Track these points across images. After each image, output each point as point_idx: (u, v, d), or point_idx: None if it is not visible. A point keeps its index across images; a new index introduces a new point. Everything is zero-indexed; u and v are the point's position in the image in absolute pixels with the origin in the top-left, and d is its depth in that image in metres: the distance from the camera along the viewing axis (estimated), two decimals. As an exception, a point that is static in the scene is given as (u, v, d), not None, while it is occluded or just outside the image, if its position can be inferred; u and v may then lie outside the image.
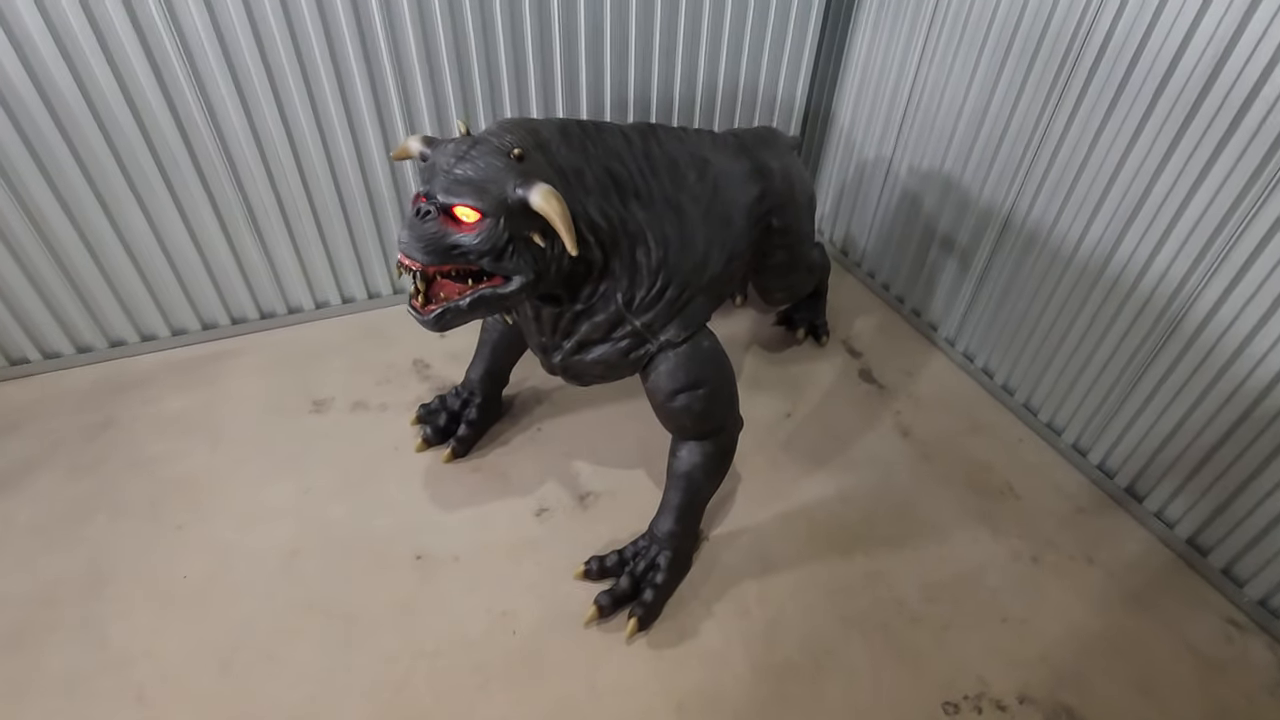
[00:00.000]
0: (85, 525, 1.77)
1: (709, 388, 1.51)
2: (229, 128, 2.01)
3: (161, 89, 1.88)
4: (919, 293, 2.49)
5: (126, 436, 2.02)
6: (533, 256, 1.22)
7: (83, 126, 1.87)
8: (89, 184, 1.96)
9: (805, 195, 1.91)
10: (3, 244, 1.97)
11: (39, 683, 1.45)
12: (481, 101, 2.23)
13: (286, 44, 1.92)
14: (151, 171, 2.00)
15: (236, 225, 2.19)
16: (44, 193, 1.93)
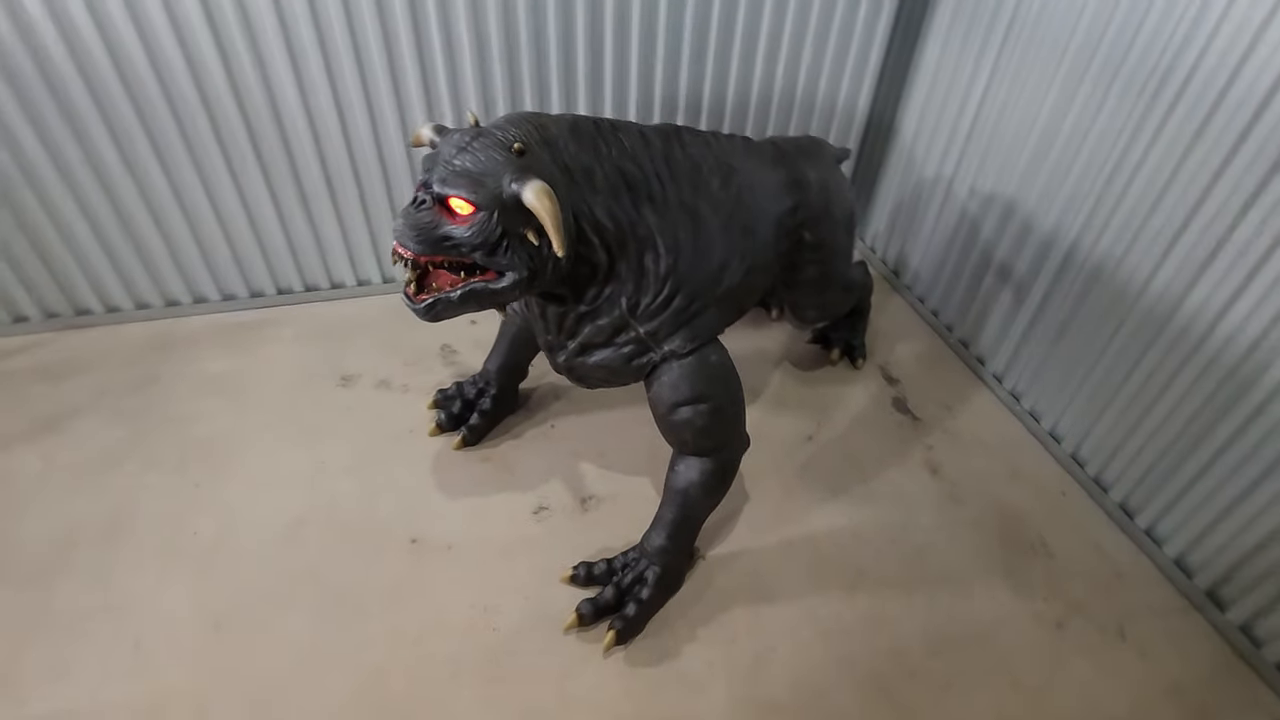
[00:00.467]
0: (114, 473, 1.87)
1: (712, 403, 1.45)
2: (285, 105, 2.07)
3: (224, 63, 1.96)
4: (969, 322, 2.34)
5: (167, 393, 2.12)
6: (527, 254, 1.19)
7: (151, 96, 1.97)
8: (154, 151, 2.07)
9: (843, 211, 1.81)
10: (75, 202, 2.10)
11: (45, 621, 1.54)
12: (530, 93, 2.22)
13: (341, 25, 1.97)
14: (211, 143, 2.09)
15: (288, 199, 2.26)
16: (114, 157, 2.04)
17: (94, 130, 1.99)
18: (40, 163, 2.01)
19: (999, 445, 2.08)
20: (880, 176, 2.75)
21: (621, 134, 1.32)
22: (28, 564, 1.65)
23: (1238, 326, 1.51)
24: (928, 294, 2.56)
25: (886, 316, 2.58)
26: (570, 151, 1.22)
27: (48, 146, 1.98)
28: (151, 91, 1.96)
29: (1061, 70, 1.85)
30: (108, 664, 1.47)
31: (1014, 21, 1.99)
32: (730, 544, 1.78)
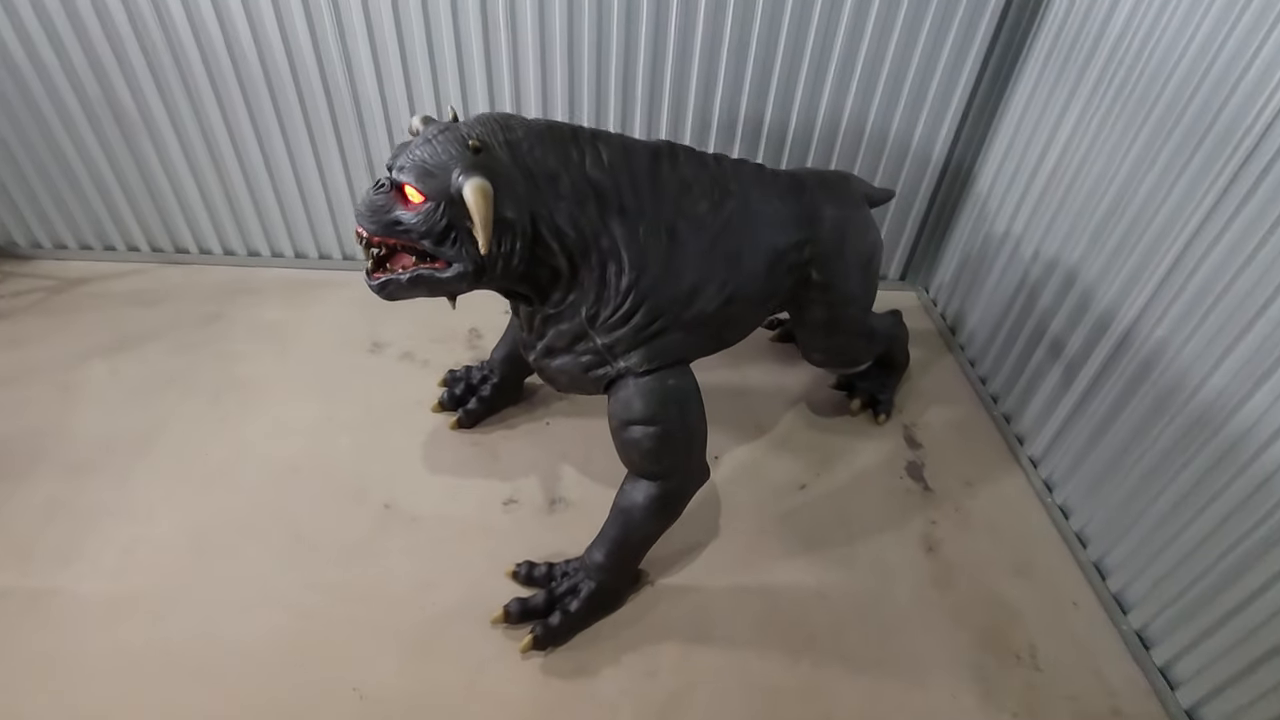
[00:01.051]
0: (162, 394, 2.10)
1: (662, 428, 1.41)
2: (363, 84, 2.25)
3: (314, 46, 2.16)
4: (1015, 396, 2.13)
5: (225, 331, 2.36)
6: (476, 249, 1.22)
7: (253, 72, 2.21)
8: (250, 118, 2.31)
9: (861, 254, 1.71)
10: (185, 159, 2.39)
11: (68, 509, 1.76)
12: (587, 102, 2.28)
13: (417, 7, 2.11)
14: (297, 114, 2.31)
15: (359, 169, 2.45)
16: (218, 121, 2.31)
17: (208, 102, 2.26)
18: (162, 123, 2.30)
19: (1014, 535, 1.88)
20: (952, 226, 2.56)
21: (602, 144, 1.32)
22: (71, 456, 1.89)
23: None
24: (979, 358, 2.35)
25: (931, 376, 2.39)
26: (535, 155, 1.24)
27: (170, 109, 2.28)
28: (252, 64, 2.20)
29: (1148, 125, 1.65)
30: (99, 560, 1.65)
31: (1109, 63, 1.79)
32: (684, 576, 1.72)
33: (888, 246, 2.69)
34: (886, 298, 2.74)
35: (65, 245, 2.62)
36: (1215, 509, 1.43)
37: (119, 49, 2.16)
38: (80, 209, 2.52)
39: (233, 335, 2.35)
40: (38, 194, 2.47)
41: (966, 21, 2.12)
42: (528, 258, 1.28)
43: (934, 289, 2.71)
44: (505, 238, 1.23)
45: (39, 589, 1.58)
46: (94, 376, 2.15)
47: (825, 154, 2.42)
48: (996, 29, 2.14)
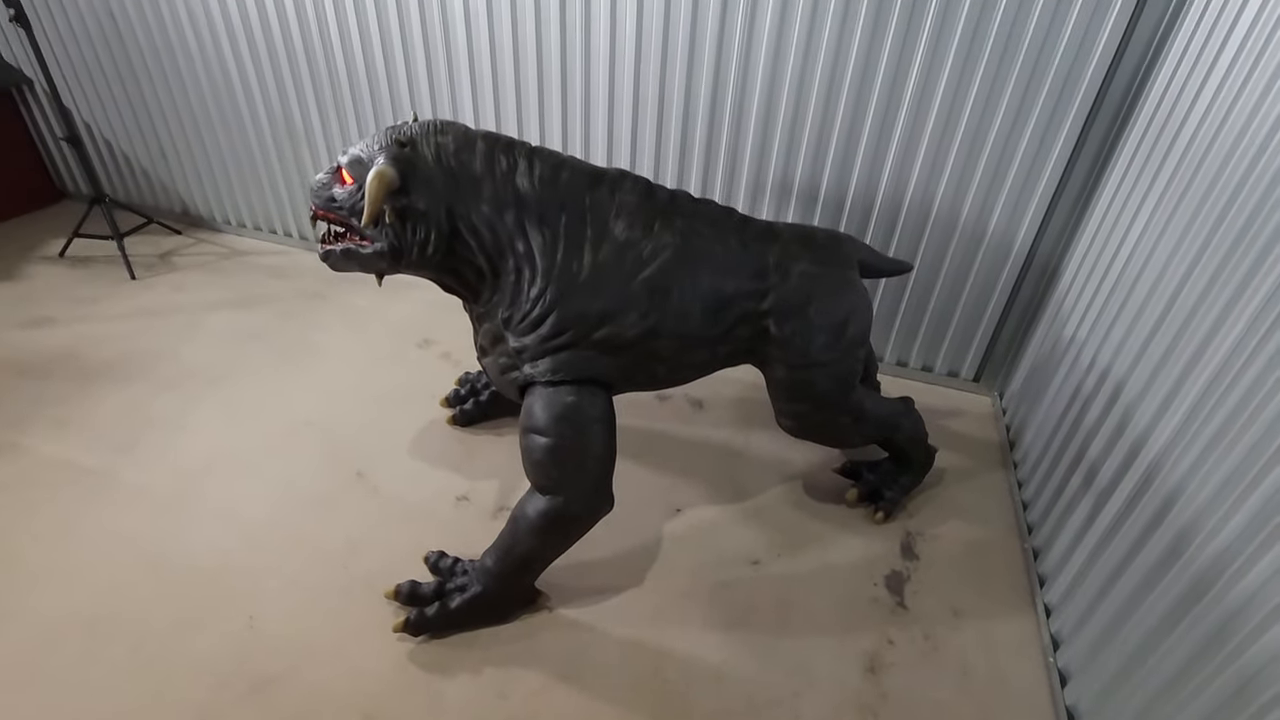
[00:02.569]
0: (249, 345, 2.52)
1: (552, 442, 1.41)
2: (462, 108, 2.59)
3: (427, 73, 2.54)
4: (1048, 528, 1.77)
5: (319, 307, 2.77)
6: (393, 231, 1.35)
7: (395, 96, 2.65)
8: (380, 135, 2.76)
9: (829, 316, 1.57)
10: (308, 150, 2.90)
11: (138, 412, 2.16)
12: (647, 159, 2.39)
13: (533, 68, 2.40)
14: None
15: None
16: (345, 123, 2.79)
17: (364, 108, 2.75)
18: (316, 131, 2.83)
19: (989, 689, 1.53)
20: (1032, 327, 2.23)
21: (538, 160, 1.40)
22: (167, 375, 2.33)
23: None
24: (1027, 480, 1.99)
25: (971, 490, 2.07)
26: (461, 158, 1.35)
27: (322, 116, 2.80)
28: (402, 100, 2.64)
29: (1205, 224, 1.35)
30: (142, 457, 2.01)
31: (1183, 160, 1.51)
32: (584, 613, 1.65)
33: (960, 341, 2.41)
34: (957, 399, 2.45)
35: (244, 224, 3.28)
36: (1206, 693, 1.07)
37: (298, 73, 2.72)
38: (257, 199, 3.15)
39: (324, 311, 2.75)
40: (232, 184, 3.14)
41: (1057, 95, 1.91)
42: (445, 250, 1.38)
43: (1007, 396, 2.36)
44: (419, 226, 1.35)
45: (90, 467, 1.96)
46: (214, 322, 2.64)
47: (886, 229, 2.27)
48: (1093, 107, 1.90)
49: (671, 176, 2.41)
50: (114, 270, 2.95)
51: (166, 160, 3.21)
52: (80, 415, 2.15)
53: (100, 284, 2.87)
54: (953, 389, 2.51)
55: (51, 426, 2.10)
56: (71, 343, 2.48)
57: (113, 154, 3.32)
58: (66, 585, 1.62)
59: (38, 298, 2.75)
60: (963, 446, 2.23)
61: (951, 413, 2.39)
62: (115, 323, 2.61)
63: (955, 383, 2.50)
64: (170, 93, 2.97)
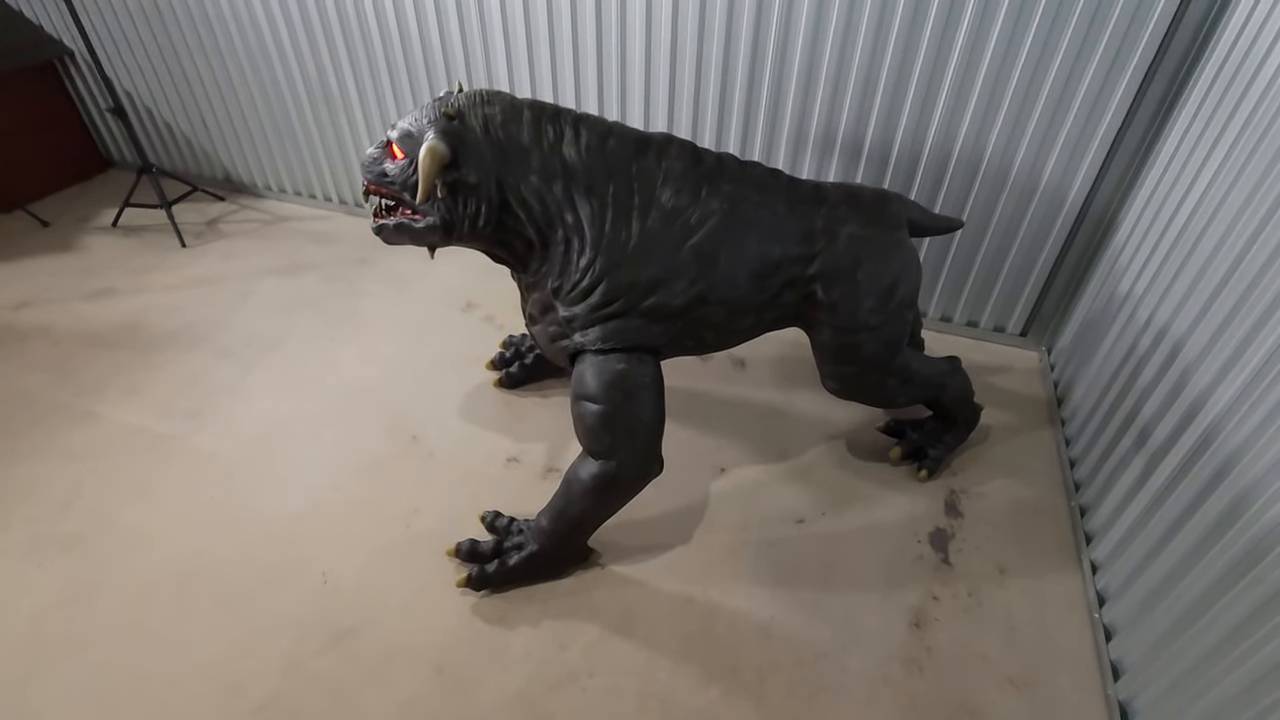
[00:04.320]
0: (300, 311, 2.59)
1: (605, 408, 1.44)
2: (497, 71, 2.56)
3: (469, 43, 2.51)
4: (1096, 487, 1.76)
5: (365, 273, 2.82)
6: (445, 205, 1.36)
7: (430, 64, 2.62)
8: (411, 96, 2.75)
9: (877, 280, 1.55)
10: (366, 130, 2.91)
11: (201, 381, 2.27)
12: (684, 116, 2.34)
13: (545, 30, 2.35)
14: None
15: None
16: (394, 109, 2.78)
17: (399, 74, 2.73)
18: (353, 98, 2.83)
19: (1033, 642, 1.57)
20: (1084, 282, 2.17)
21: (584, 127, 1.39)
22: (223, 343, 2.43)
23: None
24: (1076, 437, 1.98)
25: (1016, 447, 2.06)
26: (509, 129, 1.35)
27: (358, 82, 2.79)
28: (440, 68, 2.61)
29: (1278, 181, 1.29)
30: (209, 423, 2.11)
31: (1256, 109, 1.43)
32: (635, 570, 1.72)
33: (1008, 296, 2.36)
34: (1003, 355, 2.42)
35: (285, 190, 3.32)
36: (1253, 659, 1.09)
37: (332, 39, 2.70)
38: (298, 165, 3.18)
39: (369, 277, 2.80)
40: (272, 151, 3.17)
41: (1120, 38, 1.81)
42: (495, 222, 1.40)
43: (1056, 352, 2.32)
44: (470, 199, 1.36)
45: (164, 433, 2.07)
46: (264, 289, 2.72)
47: (933, 183, 2.21)
48: (1158, 52, 1.80)
49: (710, 131, 2.36)
50: (165, 239, 3.03)
51: (207, 128, 3.25)
52: (148, 384, 2.26)
53: (154, 253, 2.96)
54: (999, 344, 2.47)
55: (124, 395, 2.21)
56: (134, 312, 2.58)
57: (154, 123, 3.37)
58: (156, 546, 1.74)
59: (98, 269, 2.85)
60: (1009, 403, 2.22)
61: (998, 369, 2.36)
62: (171, 292, 2.70)
63: (1001, 338, 2.46)
64: (208, 60, 2.99)
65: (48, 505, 1.84)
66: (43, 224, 3.15)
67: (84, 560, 1.70)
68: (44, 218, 3.19)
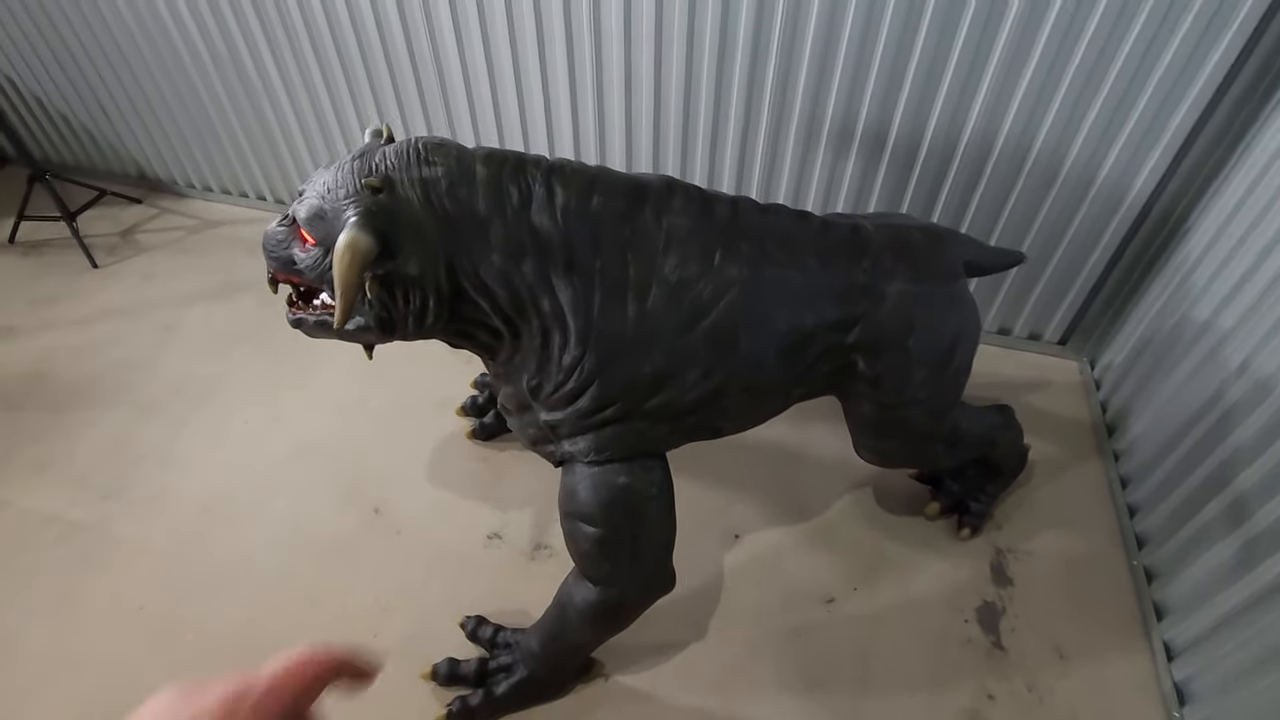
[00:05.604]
0: (237, 347, 2.23)
1: (603, 533, 1.16)
2: (445, 53, 2.13)
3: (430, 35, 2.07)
4: (1170, 552, 1.54)
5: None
6: (380, 302, 1.03)
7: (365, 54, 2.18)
8: (374, 108, 2.31)
9: (932, 348, 1.26)
10: (268, 102, 2.46)
11: (122, 448, 1.93)
12: (674, 90, 1.96)
13: None
14: (389, 84, 2.26)
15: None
16: (346, 104, 2.34)
17: (330, 64, 2.28)
18: (275, 82, 2.38)
19: (1106, 750, 1.37)
20: (1142, 290, 1.89)
21: (558, 181, 1.04)
22: (146, 396, 2.08)
23: None
24: (1135, 478, 1.74)
25: (1062, 486, 1.83)
26: (458, 196, 1.00)
27: (278, 61, 2.34)
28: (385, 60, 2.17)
29: None
30: (132, 503, 1.79)
31: None
32: (645, 679, 1.48)
33: (1048, 299, 2.08)
34: (1038, 365, 2.15)
35: (210, 188, 2.88)
36: None
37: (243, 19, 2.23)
38: (220, 159, 2.73)
39: (314, 297, 2.43)
40: (189, 143, 2.72)
41: (1209, 14, 1.46)
42: (449, 315, 1.07)
43: (1101, 367, 2.06)
44: (412, 293, 1.02)
45: (79, 521, 1.75)
46: (192, 319, 2.35)
47: (969, 179, 1.88)
48: (1252, 37, 1.46)
49: (705, 123, 1.99)
50: (72, 257, 2.61)
51: (109, 118, 2.77)
52: (59, 454, 1.92)
53: (59, 276, 2.55)
54: (1033, 353, 2.20)
55: (30, 471, 1.88)
56: (38, 359, 2.21)
57: (46, 115, 2.88)
58: (82, 673, 1.46)
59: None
60: (1049, 426, 1.97)
61: (1034, 384, 2.10)
62: (81, 329, 2.32)
63: (1036, 346, 2.19)
64: (95, 36, 2.49)
65: (-61, 631, 1.54)
66: (-74, 243, 2.70)
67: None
68: (-73, 235, 2.73)
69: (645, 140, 2.08)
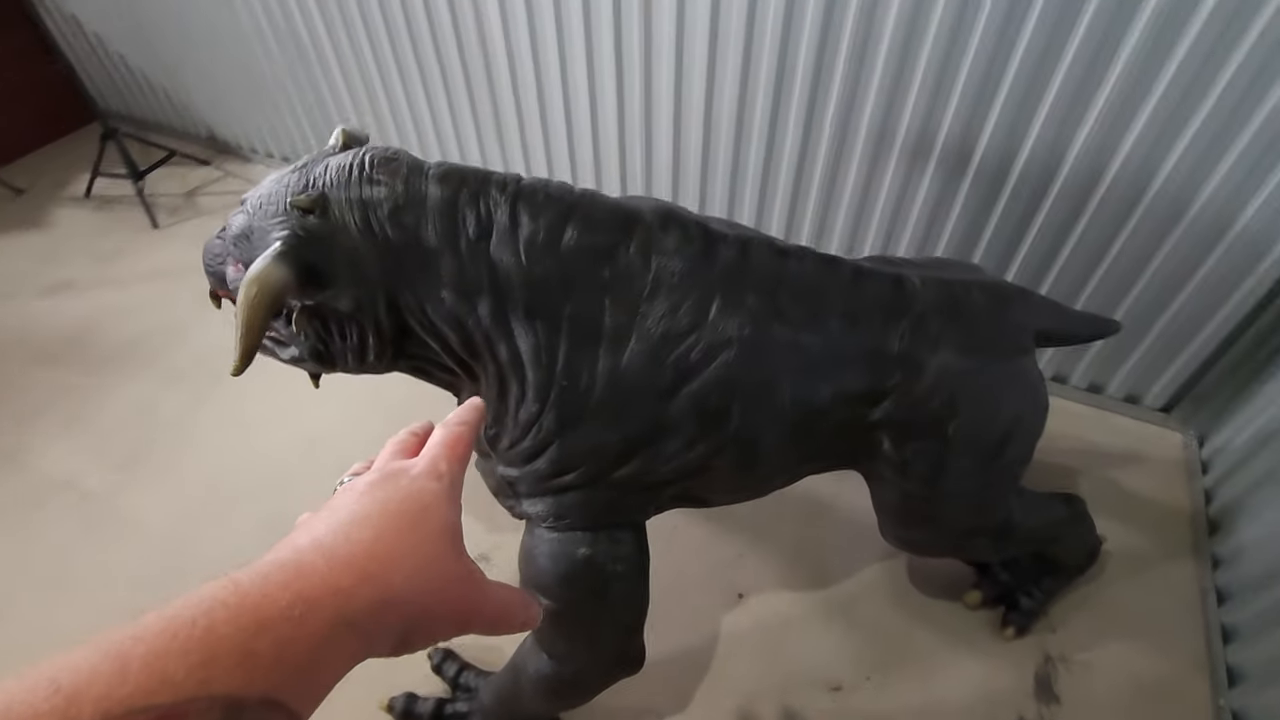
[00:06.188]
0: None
1: (558, 608, 1.02)
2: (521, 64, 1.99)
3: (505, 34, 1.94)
4: (1271, 703, 1.24)
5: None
6: (313, 333, 0.91)
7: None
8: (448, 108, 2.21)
9: (978, 436, 1.02)
10: (320, 72, 2.40)
11: (144, 417, 1.95)
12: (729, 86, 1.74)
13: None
14: (434, 61, 2.15)
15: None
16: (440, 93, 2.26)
17: (378, 33, 2.20)
18: (327, 50, 2.31)
19: None
20: (1277, 365, 1.54)
21: (524, 207, 0.88)
22: (173, 364, 2.10)
23: None
24: (1236, 596, 1.43)
25: (1142, 588, 1.53)
26: (402, 221, 0.85)
27: (329, 28, 2.27)
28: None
29: None
30: (143, 477, 1.81)
31: None
32: (613, 748, 1.34)
33: (1154, 358, 1.75)
34: (1133, 434, 1.83)
35: (271, 154, 2.89)
36: None
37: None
38: (279, 125, 2.72)
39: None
40: (249, 108, 2.72)
41: None
42: (393, 353, 0.94)
43: (1213, 447, 1.72)
44: (348, 328, 0.90)
45: (91, 490, 1.78)
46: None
47: (1066, 216, 1.57)
48: None
49: (759, 119, 1.76)
50: (137, 215, 2.68)
51: (182, 78, 2.81)
52: (87, 415, 1.96)
53: (122, 234, 2.62)
54: (1128, 418, 1.87)
55: (59, 429, 1.93)
56: (86, 316, 2.28)
57: (129, 69, 2.95)
58: (51, 648, 1.47)
59: (61, 253, 2.54)
60: (1135, 509, 1.66)
61: (1124, 456, 1.79)
62: (132, 288, 2.37)
63: (1133, 411, 1.86)
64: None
65: (-55, 584, 1.60)
66: (16, 192, 2.85)
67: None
68: (19, 184, 2.88)
69: (692, 162, 1.90)
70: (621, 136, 2.00)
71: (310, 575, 0.33)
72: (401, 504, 0.38)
